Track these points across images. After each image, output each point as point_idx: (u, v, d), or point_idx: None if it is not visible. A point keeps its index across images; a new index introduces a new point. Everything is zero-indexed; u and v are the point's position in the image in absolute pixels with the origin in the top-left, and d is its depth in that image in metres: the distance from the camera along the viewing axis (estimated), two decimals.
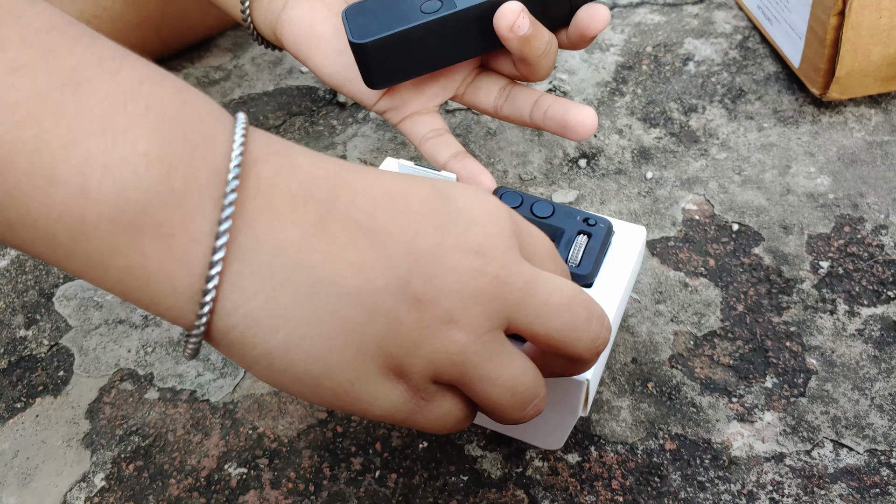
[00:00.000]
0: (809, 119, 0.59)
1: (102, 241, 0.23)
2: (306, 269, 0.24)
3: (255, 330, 0.24)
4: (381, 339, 0.25)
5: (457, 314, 0.26)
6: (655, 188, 0.55)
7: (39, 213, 0.22)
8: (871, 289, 0.47)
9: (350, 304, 0.25)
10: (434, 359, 0.26)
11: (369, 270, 0.25)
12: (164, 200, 0.23)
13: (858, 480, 0.38)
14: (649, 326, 0.46)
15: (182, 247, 0.23)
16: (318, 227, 0.25)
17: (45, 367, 0.48)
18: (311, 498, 0.40)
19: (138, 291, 0.24)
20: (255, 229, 0.24)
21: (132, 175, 0.22)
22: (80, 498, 0.41)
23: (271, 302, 0.24)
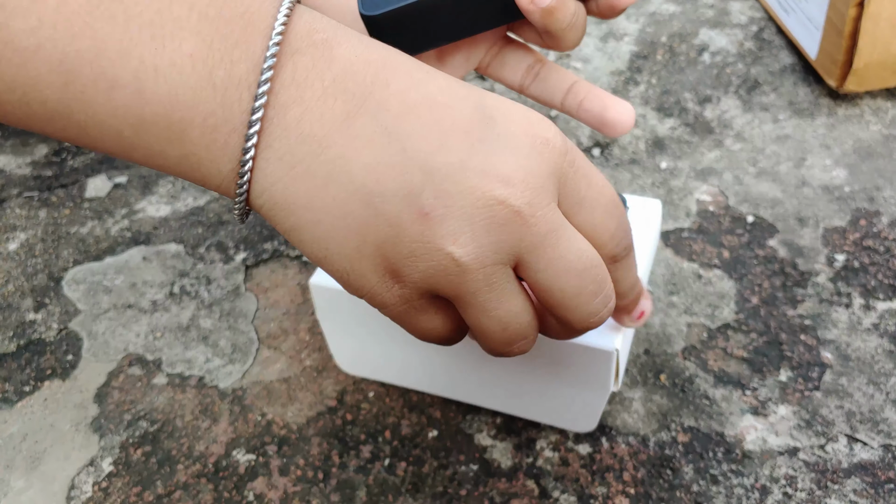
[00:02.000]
0: (825, 111, 0.58)
1: (160, 134, 0.26)
2: (323, 161, 0.26)
3: (276, 211, 0.27)
4: (381, 242, 0.26)
5: (462, 238, 0.26)
6: (669, 178, 0.54)
7: (105, 114, 0.25)
8: (887, 283, 0.46)
9: (357, 202, 0.26)
10: (430, 274, 0.26)
11: (381, 173, 0.26)
12: (208, 95, 0.25)
13: (872, 475, 0.38)
14: (662, 318, 0.46)
15: (224, 136, 0.26)
16: (343, 123, 0.26)
17: (54, 350, 0.48)
18: (320, 485, 0.40)
19: (192, 174, 0.27)
20: (285, 119, 0.26)
21: (180, 75, 0.25)
22: (88, 482, 0.41)
23: (288, 189, 0.26)
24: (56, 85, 0.25)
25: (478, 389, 0.41)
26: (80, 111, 0.25)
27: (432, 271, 0.26)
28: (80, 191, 0.58)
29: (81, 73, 0.24)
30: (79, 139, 0.27)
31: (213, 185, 0.28)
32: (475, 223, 0.26)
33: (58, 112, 0.26)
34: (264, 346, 0.47)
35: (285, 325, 0.48)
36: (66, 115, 0.26)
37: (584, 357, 0.36)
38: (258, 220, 0.54)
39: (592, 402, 0.38)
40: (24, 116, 0.26)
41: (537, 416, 0.40)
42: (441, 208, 0.25)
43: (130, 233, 0.55)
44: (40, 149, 0.63)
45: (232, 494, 0.40)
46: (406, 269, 0.26)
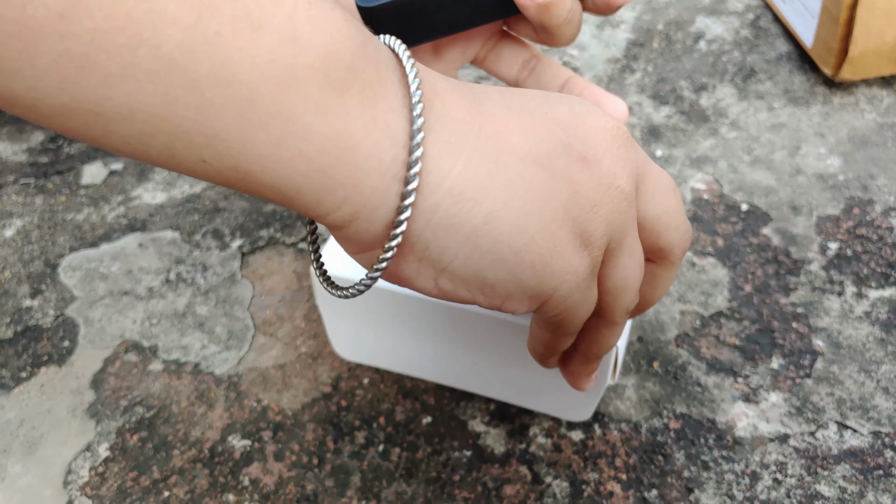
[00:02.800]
0: (820, 100, 0.58)
1: (311, 97, 0.21)
2: (486, 139, 0.24)
3: (461, 205, 0.24)
4: (567, 202, 0.25)
5: (618, 170, 0.26)
6: (665, 166, 0.54)
7: (242, 63, 0.20)
8: (880, 271, 0.47)
9: (533, 167, 0.25)
10: (610, 220, 0.26)
11: (533, 136, 0.25)
12: (365, 63, 0.22)
13: (862, 462, 0.38)
14: (656, 305, 0.46)
15: (384, 114, 0.23)
16: (476, 108, 0.25)
17: (51, 337, 0.48)
18: (315, 471, 0.40)
19: (340, 166, 0.22)
20: (434, 107, 0.24)
21: (339, 33, 0.22)
22: (85, 467, 0.41)
23: (469, 171, 0.24)
24: (183, 23, 0.20)
25: (475, 377, 0.41)
26: (205, 58, 0.20)
27: (611, 216, 0.26)
28: (77, 177, 0.58)
29: (220, 9, 0.20)
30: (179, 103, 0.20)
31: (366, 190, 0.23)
32: (616, 156, 0.26)
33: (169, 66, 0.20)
34: (260, 333, 0.47)
35: (281, 311, 0.48)
36: (181, 72, 0.20)
37: None
38: (253, 207, 0.54)
39: (589, 393, 0.38)
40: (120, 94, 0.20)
41: (532, 404, 0.41)
42: (591, 149, 0.26)
43: (126, 220, 0.55)
44: (36, 135, 0.63)
45: (227, 479, 0.40)
46: (592, 223, 0.26)
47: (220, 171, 0.22)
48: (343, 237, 0.25)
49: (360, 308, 0.41)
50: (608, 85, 0.61)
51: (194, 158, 0.21)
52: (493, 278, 0.25)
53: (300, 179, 0.22)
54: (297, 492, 0.39)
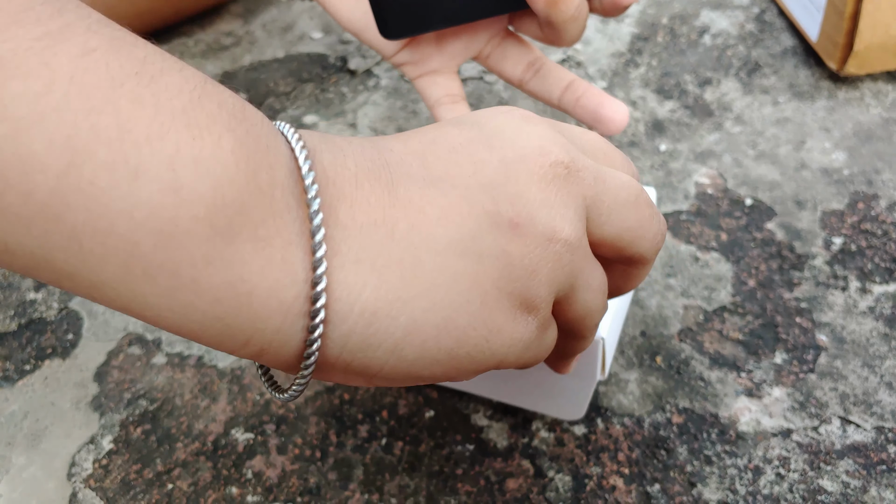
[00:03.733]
0: (826, 94, 0.58)
1: (198, 249, 0.20)
2: (398, 240, 0.23)
3: (376, 326, 0.22)
4: (499, 280, 0.24)
5: (556, 223, 0.24)
6: (669, 161, 0.54)
7: (120, 215, 0.19)
8: (884, 266, 0.46)
9: (454, 257, 0.23)
10: (553, 278, 0.25)
11: (455, 218, 0.23)
12: (256, 200, 0.21)
13: (865, 457, 0.38)
14: (659, 300, 0.46)
15: (280, 251, 0.21)
16: (389, 198, 0.23)
17: (55, 330, 0.48)
18: (318, 464, 0.40)
19: (237, 316, 0.21)
20: (338, 218, 0.22)
21: (224, 172, 0.20)
22: (89, 459, 0.41)
23: (382, 287, 0.22)
24: (53, 170, 0.18)
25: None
26: (80, 207, 0.19)
27: (555, 272, 0.25)
28: None
29: (94, 154, 0.18)
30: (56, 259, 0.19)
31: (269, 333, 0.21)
32: (553, 204, 0.25)
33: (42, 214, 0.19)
34: None
35: None
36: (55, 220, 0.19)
37: None
38: None
39: (580, 390, 0.38)
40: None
41: (525, 403, 0.41)
42: (523, 210, 0.24)
43: None
44: None
45: (230, 472, 0.40)
46: (532, 290, 0.24)
47: (114, 307, 0.21)
48: (262, 363, 0.24)
49: None
50: (612, 79, 0.61)
51: (85, 294, 0.21)
52: (430, 375, 0.24)
53: (196, 327, 0.21)
54: (300, 485, 0.39)
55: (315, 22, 0.70)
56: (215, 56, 0.67)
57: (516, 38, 0.47)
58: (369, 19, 0.45)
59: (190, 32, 0.70)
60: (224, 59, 0.67)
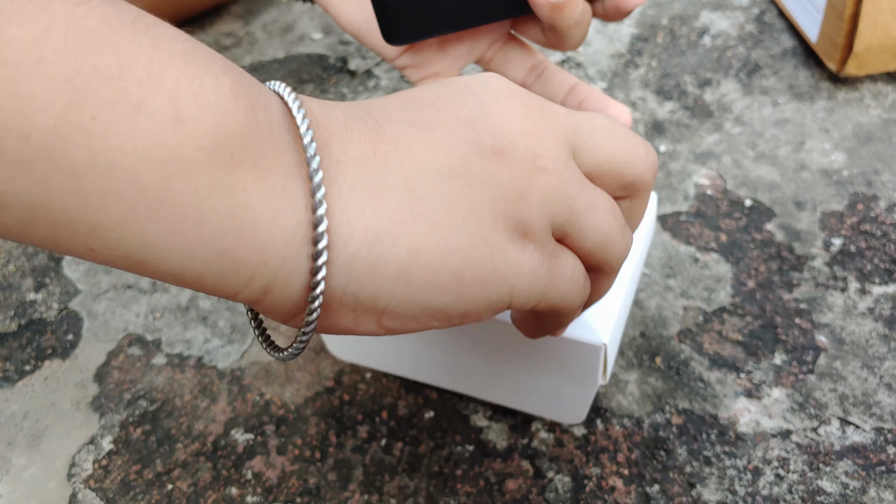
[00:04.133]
0: (825, 95, 0.58)
1: (201, 179, 0.20)
2: (391, 170, 0.23)
3: (380, 248, 0.23)
4: (492, 203, 0.24)
5: (538, 150, 0.25)
6: (668, 162, 0.54)
7: (123, 148, 0.19)
8: (883, 267, 0.46)
9: (448, 182, 0.24)
10: (544, 200, 0.25)
11: (442, 148, 0.24)
12: (255, 133, 0.21)
13: (864, 458, 0.38)
14: (659, 301, 0.46)
15: (281, 180, 0.22)
16: (377, 137, 0.24)
17: (55, 330, 0.48)
18: (318, 464, 0.40)
19: (240, 245, 0.21)
20: (332, 155, 0.23)
21: (224, 106, 0.21)
22: (89, 460, 0.41)
23: (381, 211, 0.23)
24: (54, 108, 0.18)
25: (465, 379, 0.41)
26: (82, 144, 0.19)
27: (543, 196, 0.25)
28: None
29: (96, 92, 0.19)
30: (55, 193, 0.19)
31: (273, 263, 0.22)
32: (532, 135, 0.25)
33: (42, 156, 0.19)
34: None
35: None
36: (55, 161, 0.19)
37: (572, 351, 0.36)
38: None
39: (581, 395, 0.38)
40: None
41: (526, 406, 0.41)
42: (505, 139, 0.25)
43: None
44: None
45: (230, 473, 0.40)
46: (525, 212, 0.25)
47: (110, 258, 0.21)
48: (262, 310, 0.24)
49: None
50: (612, 80, 0.61)
51: (81, 247, 0.20)
52: (441, 305, 0.24)
53: (199, 265, 0.21)
54: (300, 485, 0.40)
55: (315, 23, 0.70)
56: None
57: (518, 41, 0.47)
58: (371, 22, 0.45)
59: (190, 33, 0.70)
60: None
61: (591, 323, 0.36)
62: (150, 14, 0.22)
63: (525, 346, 0.37)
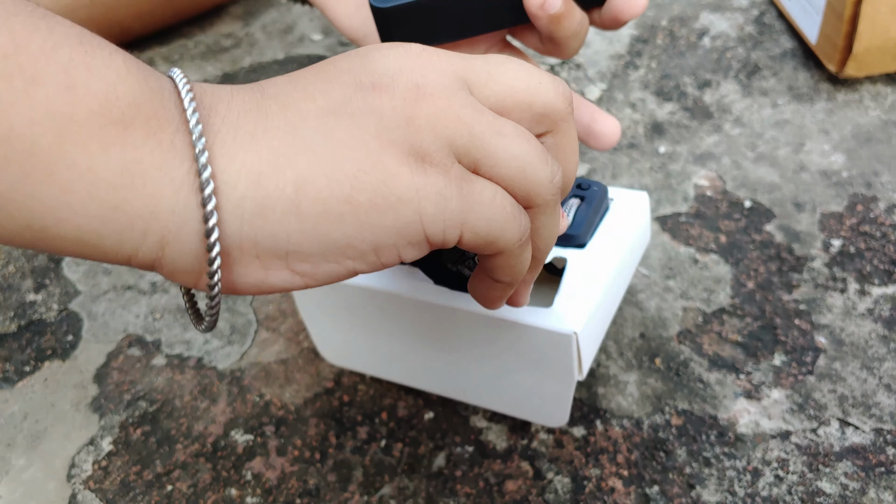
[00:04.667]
0: (825, 96, 0.58)
1: (93, 138, 0.22)
2: (272, 116, 0.25)
3: (265, 184, 0.23)
4: (377, 130, 0.25)
5: (420, 80, 0.25)
6: (668, 163, 0.54)
7: (18, 116, 0.21)
8: (883, 268, 0.46)
9: (328, 118, 0.25)
10: (434, 123, 0.25)
11: (321, 93, 0.25)
12: (148, 97, 0.23)
13: (864, 459, 0.38)
14: (658, 302, 0.46)
15: (169, 136, 0.23)
16: (260, 96, 0.25)
17: (54, 331, 0.48)
18: (317, 465, 0.40)
19: (132, 198, 0.22)
20: (218, 113, 0.24)
21: (117, 75, 0.22)
22: (88, 461, 0.41)
23: (263, 152, 0.24)
24: None
25: (451, 382, 0.41)
26: None
27: (436, 119, 0.25)
28: None
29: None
30: None
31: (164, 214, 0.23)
32: (412, 69, 0.26)
33: None
34: (262, 328, 0.47)
35: (283, 307, 0.48)
36: None
37: (545, 342, 0.35)
38: None
39: (560, 392, 0.37)
40: None
41: (509, 409, 0.40)
42: (384, 77, 0.25)
43: None
44: None
45: (230, 474, 0.40)
46: (417, 137, 0.25)
47: (14, 232, 0.22)
48: (170, 272, 0.24)
49: (336, 308, 0.41)
50: (611, 81, 0.61)
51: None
52: (344, 236, 0.24)
53: (96, 223, 0.22)
54: (300, 486, 0.40)
55: (315, 24, 0.70)
56: (215, 58, 0.67)
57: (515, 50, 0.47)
58: (369, 26, 0.45)
59: (190, 34, 0.70)
60: (224, 61, 0.67)
61: (562, 312, 0.35)
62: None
63: (500, 341, 0.37)
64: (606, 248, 0.38)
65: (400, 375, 0.42)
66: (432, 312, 0.37)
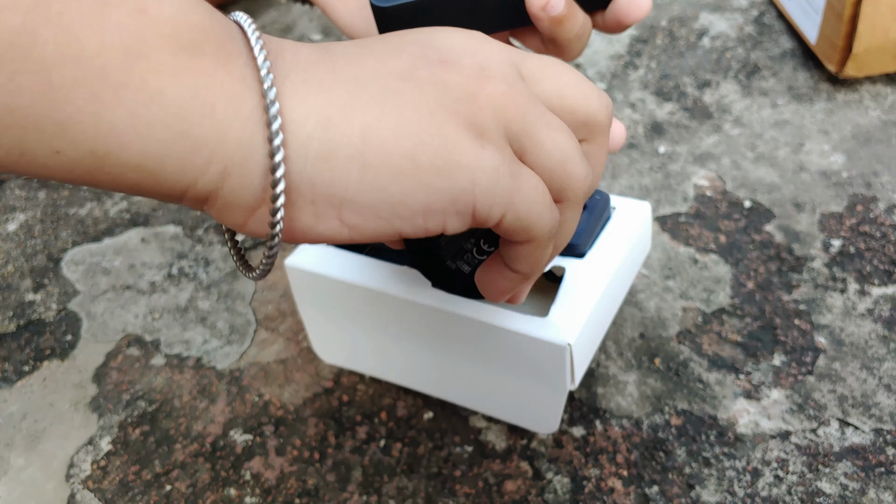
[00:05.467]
0: (824, 96, 0.58)
1: (164, 62, 0.21)
2: (339, 72, 0.25)
3: (333, 129, 0.23)
4: (441, 100, 0.25)
5: (483, 61, 0.26)
6: (668, 163, 0.54)
7: (89, 38, 0.20)
8: (882, 268, 0.46)
9: (395, 80, 0.25)
10: (494, 104, 0.26)
11: (388, 57, 0.26)
12: (218, 27, 0.23)
13: (863, 459, 0.38)
14: (658, 302, 0.46)
15: (239, 69, 0.23)
16: (326, 53, 0.26)
17: (53, 331, 0.48)
18: (316, 465, 0.40)
19: (200, 124, 0.22)
20: (284, 58, 0.24)
21: (189, 3, 0.22)
22: (87, 461, 0.41)
23: (331, 98, 0.24)
24: (22, 6, 0.20)
25: (445, 385, 0.41)
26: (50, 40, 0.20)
27: (495, 99, 0.26)
28: None
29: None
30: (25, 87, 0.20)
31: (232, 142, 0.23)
32: (478, 52, 0.26)
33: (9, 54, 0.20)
34: (262, 328, 0.47)
35: (282, 307, 0.48)
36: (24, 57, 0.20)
37: (539, 350, 0.35)
38: None
39: (551, 401, 0.37)
40: None
41: (502, 414, 0.40)
42: (449, 53, 0.26)
43: (129, 214, 0.55)
44: None
45: (229, 473, 0.40)
46: (477, 112, 0.25)
47: (75, 159, 0.21)
48: (223, 206, 0.24)
49: (335, 304, 0.41)
50: (611, 81, 0.61)
51: (47, 150, 0.21)
52: (400, 192, 0.24)
53: (161, 148, 0.22)
54: (299, 486, 0.39)
55: (314, 24, 0.70)
56: None
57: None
58: (370, 26, 0.45)
59: None
60: None
61: (559, 323, 0.35)
62: None
63: (494, 347, 0.37)
64: (605, 259, 0.38)
65: (395, 376, 0.42)
66: (429, 315, 0.37)
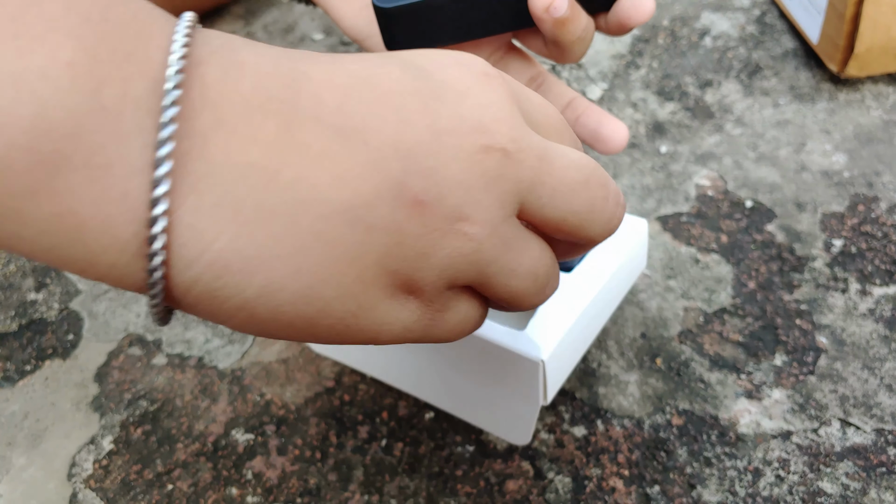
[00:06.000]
0: (826, 96, 0.58)
1: (18, 180, 0.17)
2: (278, 190, 0.20)
3: (226, 279, 0.20)
4: (383, 257, 0.21)
5: (467, 209, 0.22)
6: (669, 163, 0.54)
7: None
8: (884, 268, 0.46)
9: (339, 224, 0.20)
10: (448, 265, 0.22)
11: (354, 178, 0.20)
12: (94, 121, 0.18)
13: (865, 459, 0.38)
14: (659, 302, 0.46)
15: (121, 182, 0.18)
16: (284, 138, 0.20)
17: (55, 330, 0.48)
18: (318, 465, 0.40)
19: (69, 248, 0.19)
20: (207, 150, 0.19)
21: (54, 90, 0.17)
22: (89, 460, 0.41)
23: (242, 240, 0.19)
24: None
25: (424, 386, 0.41)
26: None
27: (448, 261, 0.22)
28: None
29: None
30: None
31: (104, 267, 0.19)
32: (471, 187, 0.22)
33: None
34: None
35: None
36: None
37: (513, 364, 0.35)
38: None
39: (524, 413, 0.37)
40: None
41: (477, 421, 0.40)
42: (434, 188, 0.21)
43: None
44: None
45: (231, 473, 0.40)
46: (419, 272, 0.22)
47: None
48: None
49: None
50: (613, 81, 0.61)
51: None
52: (286, 335, 0.22)
53: (27, 254, 0.19)
54: (300, 486, 0.40)
55: (316, 24, 0.70)
56: None
57: (519, 51, 0.47)
58: (372, 27, 0.45)
59: None
60: None
61: (535, 337, 0.35)
62: None
63: (471, 355, 0.37)
64: (592, 275, 0.38)
65: (381, 373, 0.42)
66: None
